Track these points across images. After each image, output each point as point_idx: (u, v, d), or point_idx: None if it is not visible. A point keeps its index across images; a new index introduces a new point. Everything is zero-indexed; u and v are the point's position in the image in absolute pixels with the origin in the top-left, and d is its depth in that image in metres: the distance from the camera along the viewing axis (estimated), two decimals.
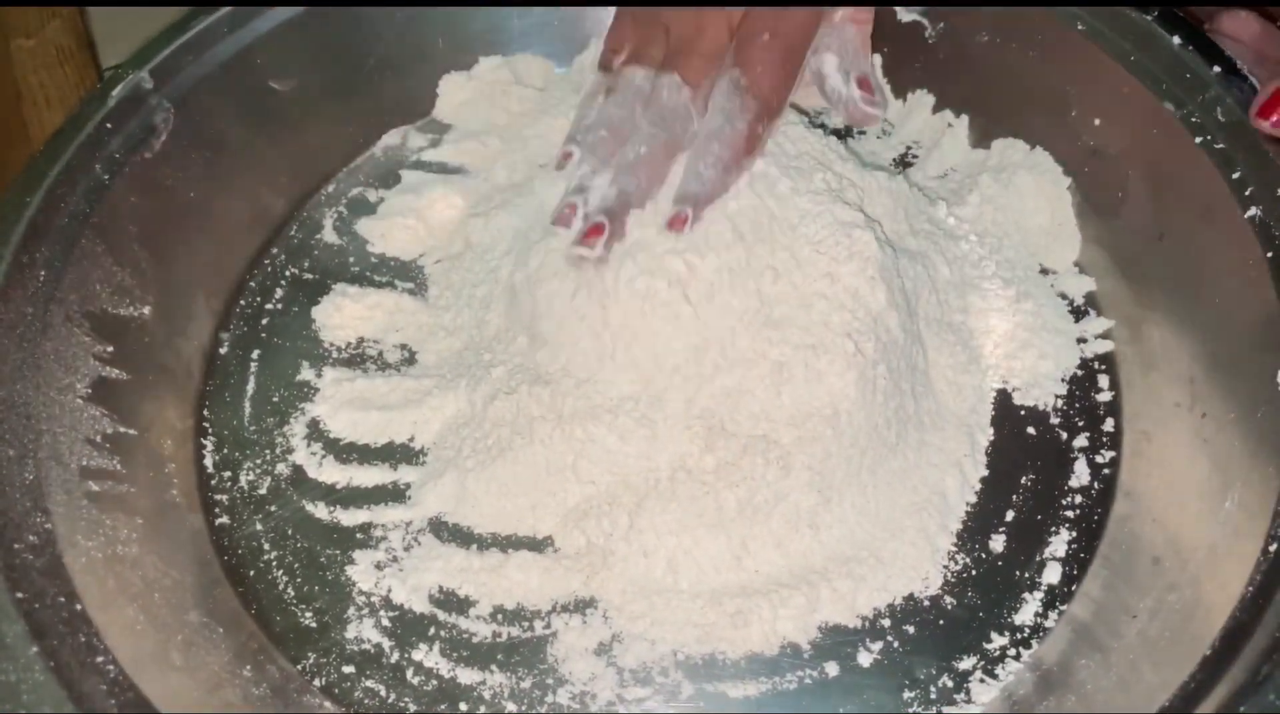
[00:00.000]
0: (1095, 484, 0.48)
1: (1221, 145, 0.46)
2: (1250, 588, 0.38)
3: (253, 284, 0.55)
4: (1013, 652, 0.44)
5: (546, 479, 0.46)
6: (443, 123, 0.61)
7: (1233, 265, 0.45)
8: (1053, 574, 0.45)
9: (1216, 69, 0.47)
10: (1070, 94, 0.53)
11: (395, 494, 0.48)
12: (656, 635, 0.44)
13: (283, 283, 0.55)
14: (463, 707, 0.43)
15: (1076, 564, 0.46)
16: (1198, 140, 0.46)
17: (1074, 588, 0.45)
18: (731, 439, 0.45)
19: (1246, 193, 0.44)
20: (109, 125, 0.50)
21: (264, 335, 0.53)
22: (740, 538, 0.45)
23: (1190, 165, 0.47)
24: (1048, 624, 0.44)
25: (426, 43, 0.59)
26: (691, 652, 0.44)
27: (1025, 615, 0.45)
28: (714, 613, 0.44)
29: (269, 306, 0.54)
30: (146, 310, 0.50)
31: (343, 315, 0.53)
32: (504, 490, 0.47)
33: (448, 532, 0.47)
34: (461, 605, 0.45)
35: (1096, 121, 0.52)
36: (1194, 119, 0.47)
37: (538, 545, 0.47)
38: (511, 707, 0.43)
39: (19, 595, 0.38)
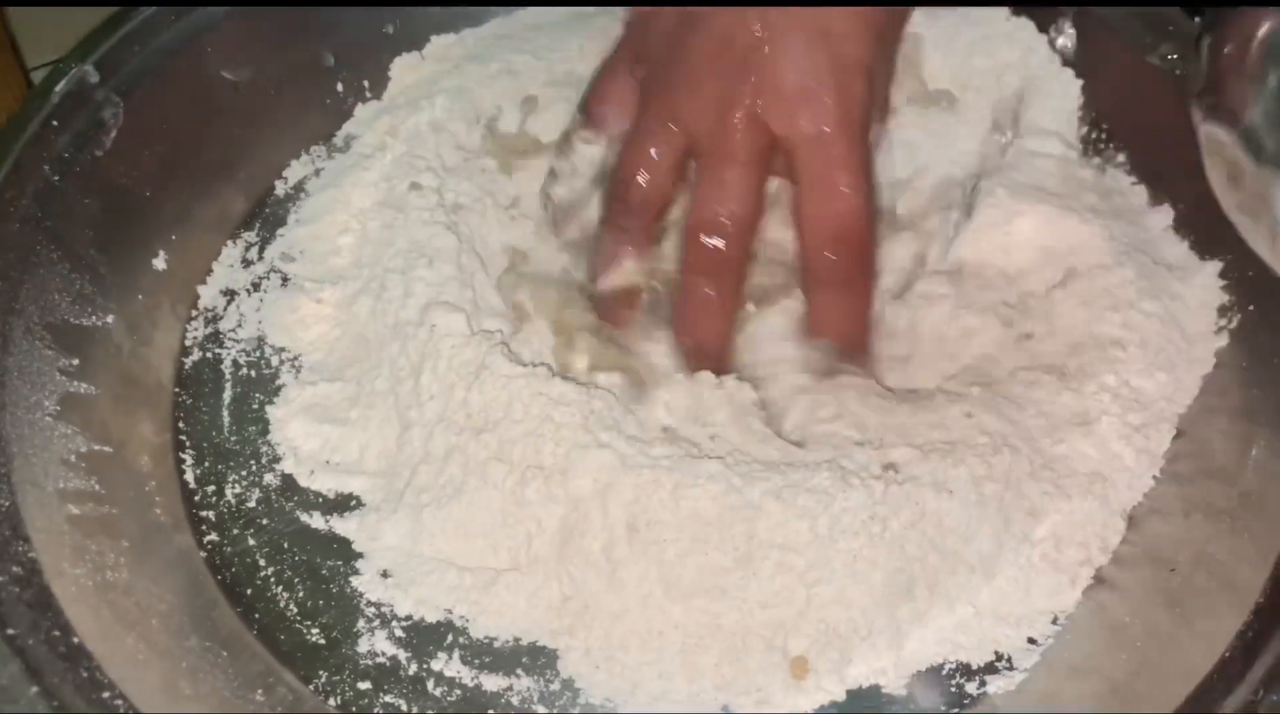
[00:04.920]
0: None
1: None
2: None
3: (218, 286, 0.52)
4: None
5: (503, 529, 0.42)
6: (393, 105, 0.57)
7: None
8: None
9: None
10: None
11: None
12: (667, 687, 0.41)
13: (249, 283, 0.52)
14: None
15: None
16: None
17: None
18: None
19: None
20: (55, 123, 0.46)
21: (235, 339, 0.50)
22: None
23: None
24: None
25: (384, 25, 0.56)
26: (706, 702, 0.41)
27: None
28: (730, 669, 0.41)
29: (237, 308, 0.51)
30: (110, 319, 0.47)
31: (302, 314, 0.50)
32: (461, 532, 0.43)
33: None
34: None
35: None
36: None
37: None
38: (541, 709, 0.41)
39: (9, 632, 0.35)
